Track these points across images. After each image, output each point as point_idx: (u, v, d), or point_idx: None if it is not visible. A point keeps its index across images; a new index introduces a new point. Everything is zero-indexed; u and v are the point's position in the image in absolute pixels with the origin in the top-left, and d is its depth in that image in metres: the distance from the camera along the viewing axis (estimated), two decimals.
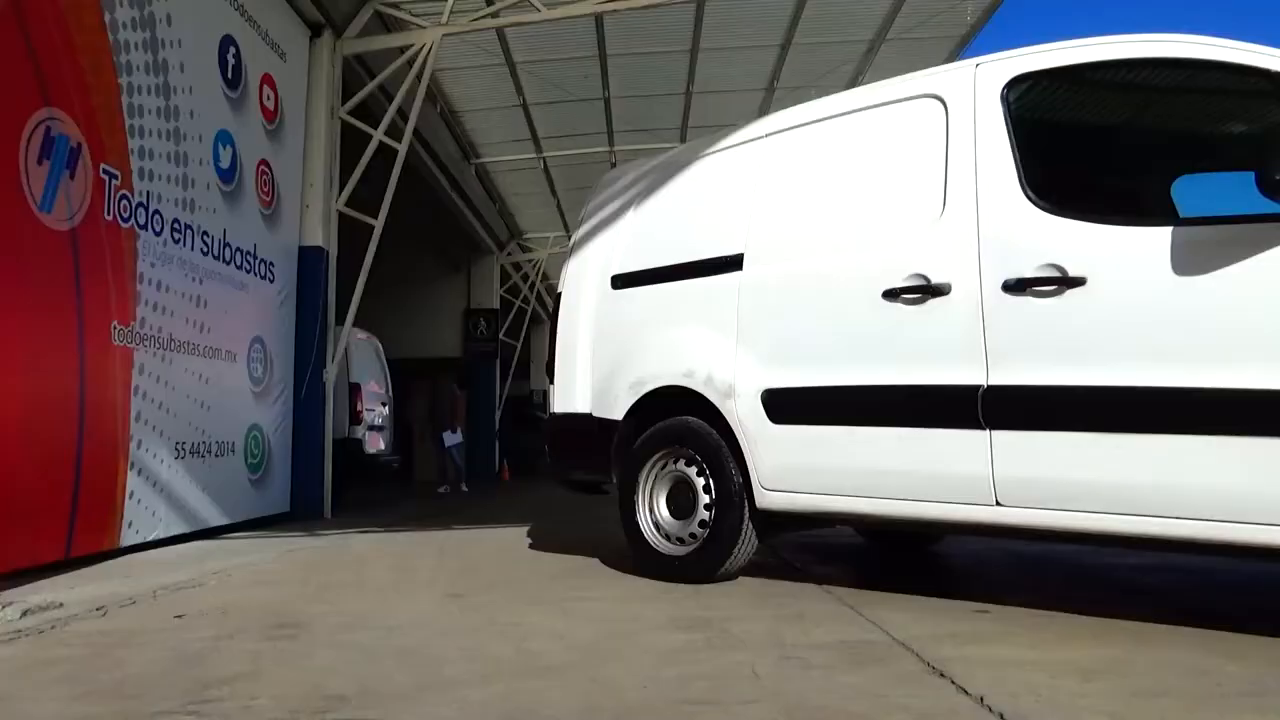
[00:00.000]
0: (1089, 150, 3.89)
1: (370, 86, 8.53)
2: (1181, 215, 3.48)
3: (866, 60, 10.03)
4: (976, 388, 2.99)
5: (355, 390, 9.95)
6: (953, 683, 2.22)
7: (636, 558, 4.04)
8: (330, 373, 8.06)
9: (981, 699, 2.08)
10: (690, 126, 11.68)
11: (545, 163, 13.25)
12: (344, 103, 8.36)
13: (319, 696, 2.20)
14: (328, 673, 2.43)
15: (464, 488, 13.06)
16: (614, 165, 11.12)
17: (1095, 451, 2.75)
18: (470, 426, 14.41)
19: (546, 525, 6.79)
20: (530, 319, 19.40)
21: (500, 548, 5.48)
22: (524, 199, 15.55)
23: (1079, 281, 2.82)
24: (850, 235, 3.47)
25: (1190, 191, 3.86)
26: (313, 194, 8.03)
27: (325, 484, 7.96)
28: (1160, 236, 2.71)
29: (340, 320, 8.34)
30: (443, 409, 13.38)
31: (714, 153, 4.21)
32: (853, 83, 9.90)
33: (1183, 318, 2.64)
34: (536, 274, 18.84)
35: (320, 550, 5.48)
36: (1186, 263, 2.64)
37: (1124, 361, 2.71)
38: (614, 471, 4.18)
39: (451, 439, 13.29)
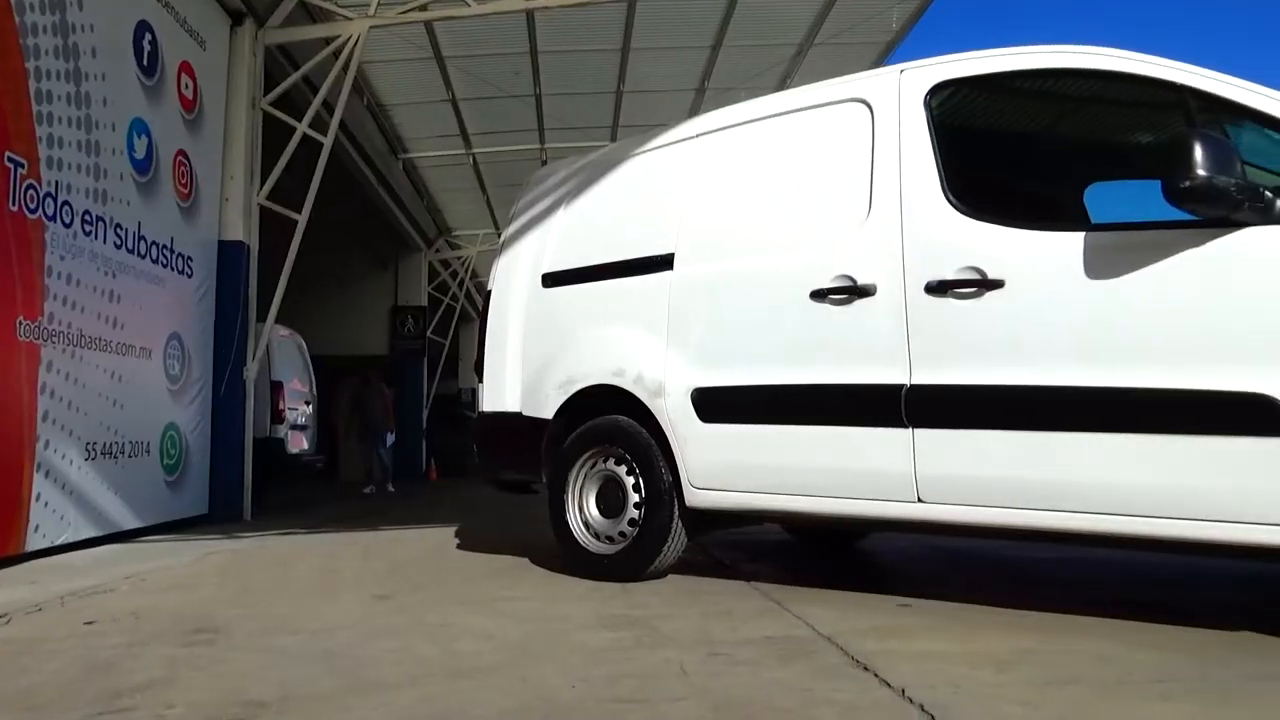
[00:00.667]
0: (1008, 156, 4.01)
1: (294, 78, 8.33)
2: (1093, 221, 3.61)
3: (795, 63, 10.17)
4: (900, 387, 3.06)
5: (277, 388, 9.71)
6: (876, 676, 2.27)
7: (566, 557, 4.03)
8: (251, 370, 7.85)
9: (903, 691, 2.13)
10: (621, 125, 11.68)
11: (475, 159, 13.12)
12: (266, 93, 8.14)
13: (238, 703, 2.14)
14: (247, 678, 2.37)
15: (390, 488, 12.86)
16: (545, 163, 11.07)
17: (1012, 449, 2.83)
18: (397, 426, 14.19)
19: (475, 525, 6.72)
20: (459, 317, 19.18)
21: (428, 548, 5.41)
22: (453, 195, 15.36)
23: (997, 284, 2.91)
24: (779, 236, 3.52)
25: (1102, 198, 4.01)
26: (233, 187, 7.80)
27: (245, 485, 7.74)
28: (1073, 241, 2.81)
29: (262, 317, 8.13)
30: (373, 408, 13.18)
31: (645, 152, 4.23)
32: (782, 85, 10.03)
33: (1093, 320, 2.73)
34: (466, 271, 18.63)
35: (240, 553, 5.33)
36: (1097, 267, 2.74)
37: (1039, 361, 2.80)
38: (543, 470, 4.16)
39: (387, 440, 13.13)
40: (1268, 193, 2.53)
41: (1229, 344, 2.52)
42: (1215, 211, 2.52)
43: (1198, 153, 2.44)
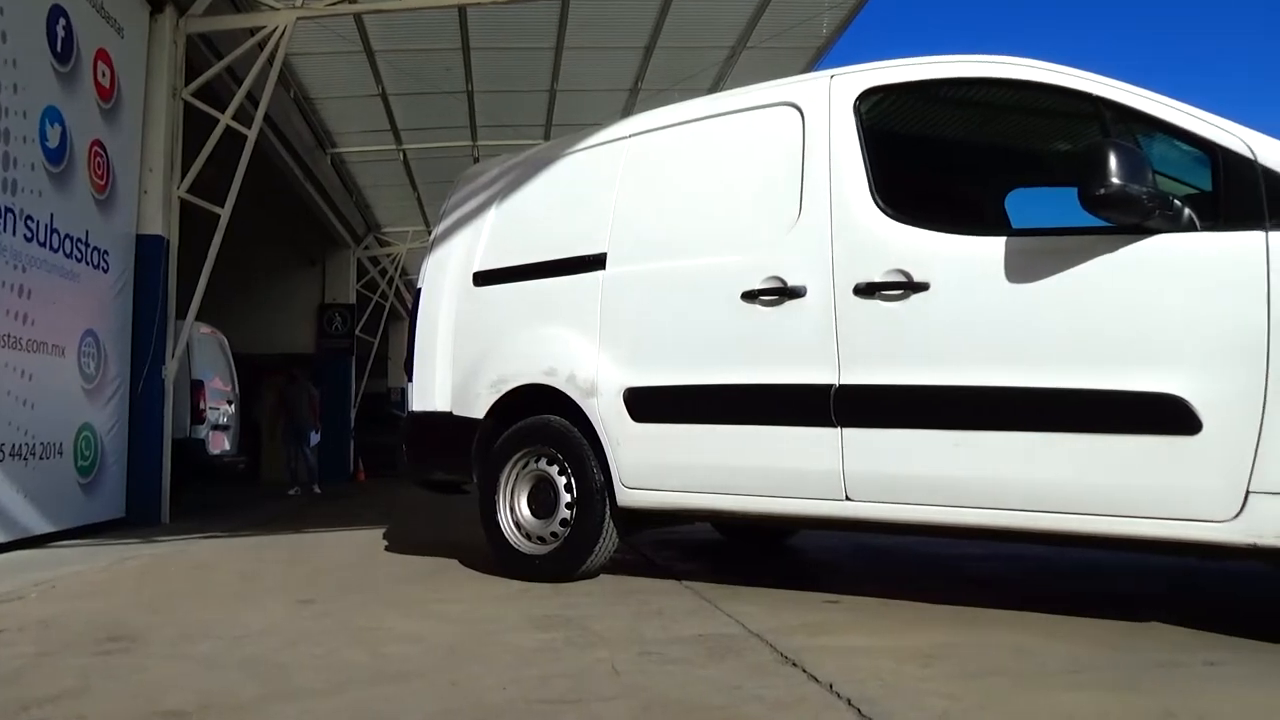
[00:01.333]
0: (934, 161, 4.11)
1: (217, 68, 8.09)
2: (1014, 226, 3.73)
3: (728, 66, 10.26)
4: (829, 387, 3.11)
5: (198, 388, 9.42)
6: (804, 671, 2.31)
7: (497, 558, 4.00)
8: (170, 369, 7.60)
9: (831, 686, 2.16)
10: (555, 124, 11.63)
11: (405, 155, 12.92)
12: (188, 84, 7.89)
13: (154, 713, 2.07)
14: (164, 687, 2.30)
15: (317, 489, 12.59)
16: (477, 160, 10.98)
17: (937, 448, 2.90)
18: (323, 426, 13.89)
19: (404, 526, 6.62)
20: (389, 315, 18.89)
21: (355, 550, 5.31)
22: (382, 191, 15.11)
23: (923, 286, 2.97)
24: (711, 237, 3.54)
25: (1023, 203, 4.14)
26: (152, 179, 7.54)
27: (164, 487, 7.50)
28: (995, 245, 2.89)
29: (182, 314, 7.88)
30: (299, 407, 12.88)
31: (578, 151, 4.22)
32: (715, 87, 10.11)
33: (1014, 322, 2.82)
34: (395, 269, 18.35)
35: (158, 557, 5.16)
36: (1017, 270, 2.83)
37: (963, 362, 2.88)
38: (474, 471, 4.12)
39: (313, 439, 12.84)
40: (1177, 201, 2.64)
41: (1142, 346, 2.62)
42: (1128, 219, 2.62)
43: (1112, 162, 2.53)
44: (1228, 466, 2.45)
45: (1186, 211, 2.62)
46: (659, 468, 3.54)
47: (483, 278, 4.27)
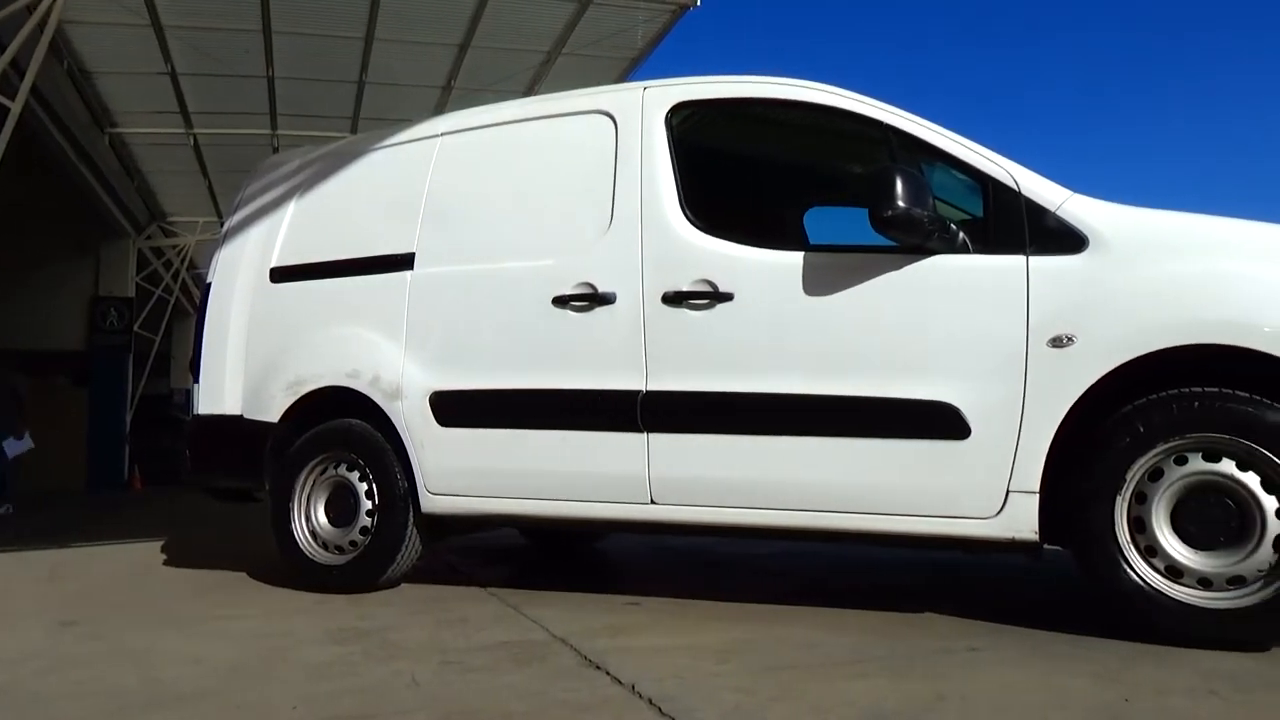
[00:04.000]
0: (740, 176, 4.27)
1: None
2: (811, 242, 3.94)
3: (544, 70, 10.25)
4: (636, 393, 3.17)
5: None
6: (607, 674, 2.33)
7: (291, 569, 3.80)
8: None
9: (633, 687, 2.20)
10: (363, 118, 11.20)
11: (196, 140, 12.03)
12: None
13: None
14: None
15: (6, 509, 9.64)
16: (277, 150, 10.42)
17: (738, 453, 3.03)
18: (91, 429, 12.61)
19: (186, 538, 6.15)
20: (173, 310, 17.53)
21: (129, 566, 4.88)
22: (169, 178, 14.00)
23: (728, 296, 3.09)
24: (523, 241, 3.53)
25: (821, 221, 4.39)
26: None
27: None
28: (794, 260, 3.05)
29: None
30: (6, 409, 10.71)
31: (388, 147, 4.09)
32: (529, 91, 10.07)
33: (811, 332, 2.99)
34: (182, 261, 17.04)
35: None
36: (813, 284, 2.99)
37: (764, 371, 3.02)
38: (266, 478, 3.90)
39: (14, 447, 10.29)
40: (953, 225, 2.88)
41: (921, 358, 2.85)
42: (912, 239, 2.84)
43: (898, 186, 2.73)
44: (991, 468, 2.70)
45: (961, 235, 2.87)
46: (466, 473, 3.48)
47: (281, 274, 4.05)
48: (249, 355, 4.03)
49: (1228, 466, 2.49)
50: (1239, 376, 2.50)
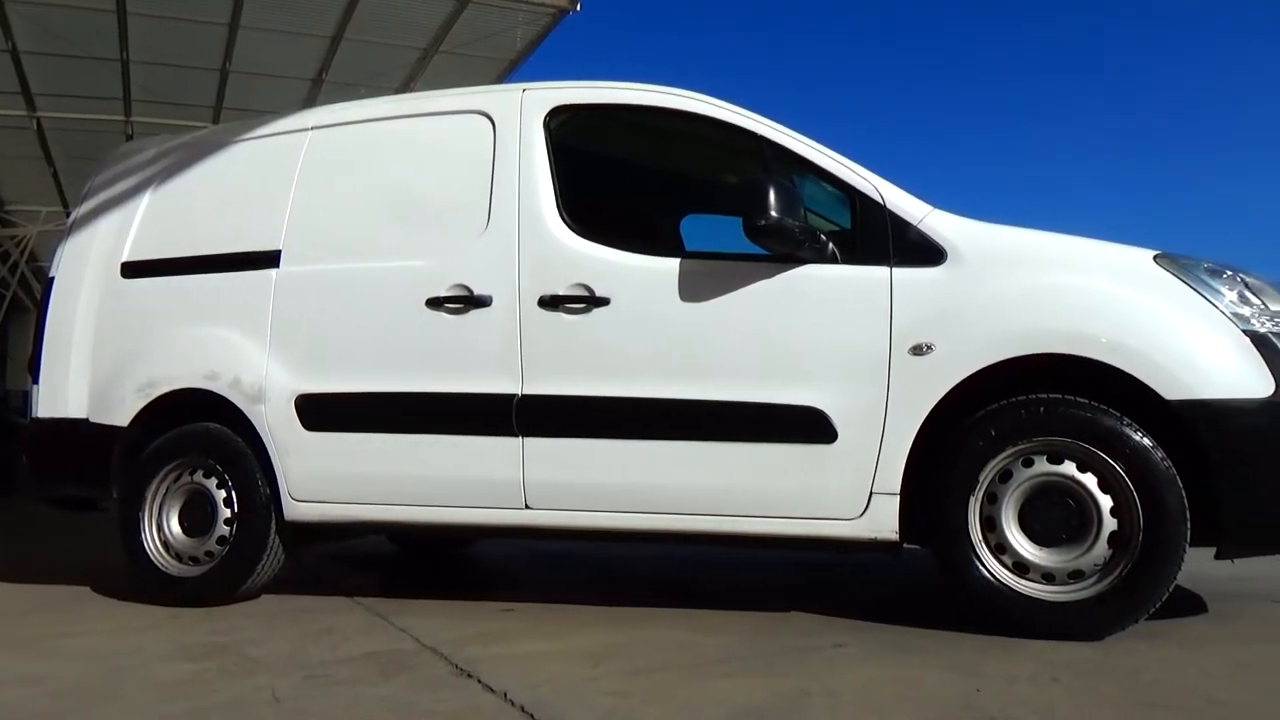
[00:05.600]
0: (617, 181, 4.30)
1: None
2: (687, 249, 3.99)
3: (420, 67, 10.06)
4: (511, 397, 3.14)
5: None
6: (479, 682, 2.30)
7: (141, 582, 3.59)
8: None
9: (505, 694, 2.17)
10: (226, 108, 10.71)
11: (40, 124, 11.23)
12: None
13: None
14: None
15: None
16: (131, 138, 9.85)
17: (613, 457, 3.04)
18: None
19: (23, 551, 5.71)
20: (10, 306, 16.32)
21: None
22: (9, 164, 13.01)
23: (604, 301, 3.10)
24: (395, 241, 3.44)
25: (697, 228, 4.45)
26: None
27: None
28: (670, 266, 3.09)
29: None
30: None
31: (254, 139, 3.92)
32: (405, 87, 9.87)
33: (685, 338, 3.03)
34: (21, 253, 15.86)
35: None
36: (688, 290, 3.04)
37: (639, 375, 3.04)
38: (114, 485, 3.67)
39: None
40: (823, 236, 2.98)
41: (791, 363, 2.93)
42: (784, 249, 2.93)
43: (771, 196, 2.81)
44: (856, 471, 2.81)
45: (830, 245, 2.97)
46: (333, 478, 3.38)
47: (133, 269, 3.82)
48: (96, 355, 3.80)
49: (1069, 468, 2.66)
50: (1083, 382, 2.68)
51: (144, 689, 2.34)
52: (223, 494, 3.52)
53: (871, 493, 2.79)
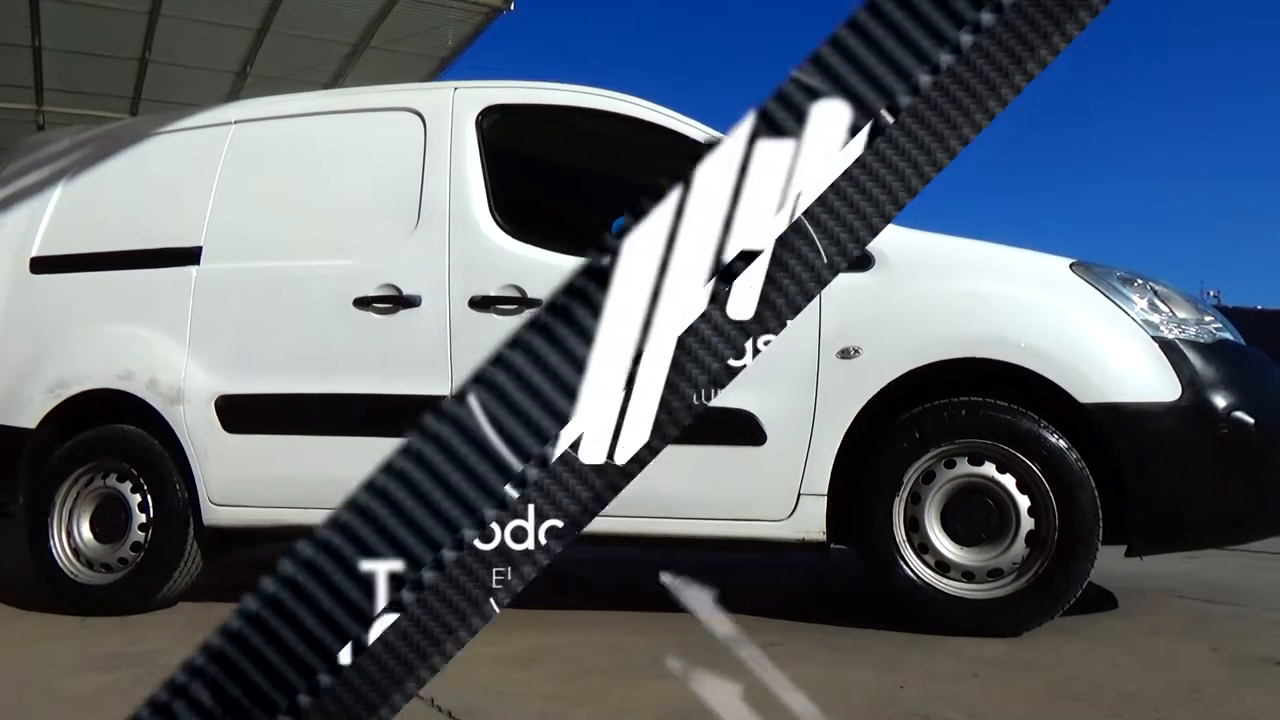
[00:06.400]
0: (550, 182, 4.28)
1: None
2: None
3: (350, 63, 9.89)
4: (442, 399, 3.09)
5: None
6: None
7: (49, 591, 3.45)
8: None
9: (432, 700, 2.14)
10: (144, 99, 10.38)
11: None
12: None
13: None
14: None
15: None
16: (42, 128, 9.46)
17: None
18: None
19: None
20: None
21: None
22: None
23: (536, 303, 3.08)
24: (322, 239, 3.38)
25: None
26: None
27: None
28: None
29: None
30: None
31: (174, 132, 3.81)
32: (334, 82, 9.69)
33: None
34: None
35: None
36: None
37: None
38: (19, 490, 3.53)
39: None
40: None
41: None
42: None
43: None
44: (785, 473, 2.84)
45: None
46: (255, 482, 3.29)
47: (43, 264, 3.68)
48: (2, 354, 3.64)
49: (989, 469, 2.74)
50: (1003, 386, 2.76)
51: (52, 703, 2.25)
52: (137, 498, 3.40)
53: (799, 494, 2.83)
